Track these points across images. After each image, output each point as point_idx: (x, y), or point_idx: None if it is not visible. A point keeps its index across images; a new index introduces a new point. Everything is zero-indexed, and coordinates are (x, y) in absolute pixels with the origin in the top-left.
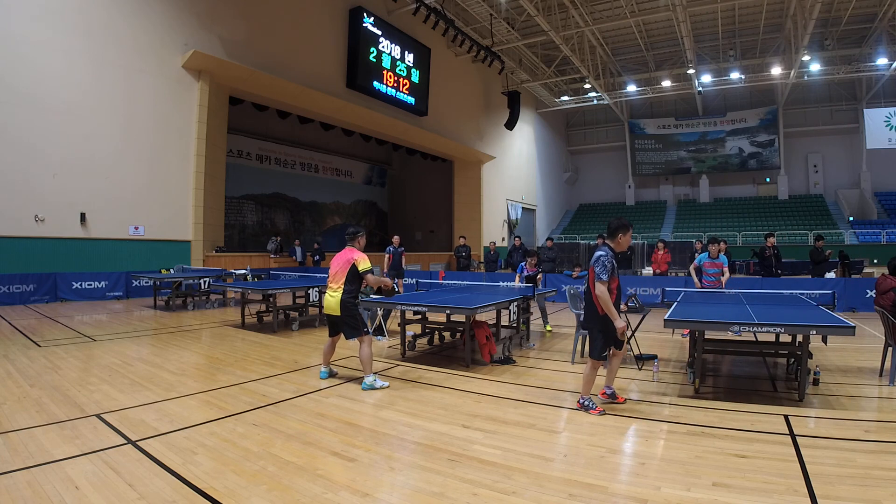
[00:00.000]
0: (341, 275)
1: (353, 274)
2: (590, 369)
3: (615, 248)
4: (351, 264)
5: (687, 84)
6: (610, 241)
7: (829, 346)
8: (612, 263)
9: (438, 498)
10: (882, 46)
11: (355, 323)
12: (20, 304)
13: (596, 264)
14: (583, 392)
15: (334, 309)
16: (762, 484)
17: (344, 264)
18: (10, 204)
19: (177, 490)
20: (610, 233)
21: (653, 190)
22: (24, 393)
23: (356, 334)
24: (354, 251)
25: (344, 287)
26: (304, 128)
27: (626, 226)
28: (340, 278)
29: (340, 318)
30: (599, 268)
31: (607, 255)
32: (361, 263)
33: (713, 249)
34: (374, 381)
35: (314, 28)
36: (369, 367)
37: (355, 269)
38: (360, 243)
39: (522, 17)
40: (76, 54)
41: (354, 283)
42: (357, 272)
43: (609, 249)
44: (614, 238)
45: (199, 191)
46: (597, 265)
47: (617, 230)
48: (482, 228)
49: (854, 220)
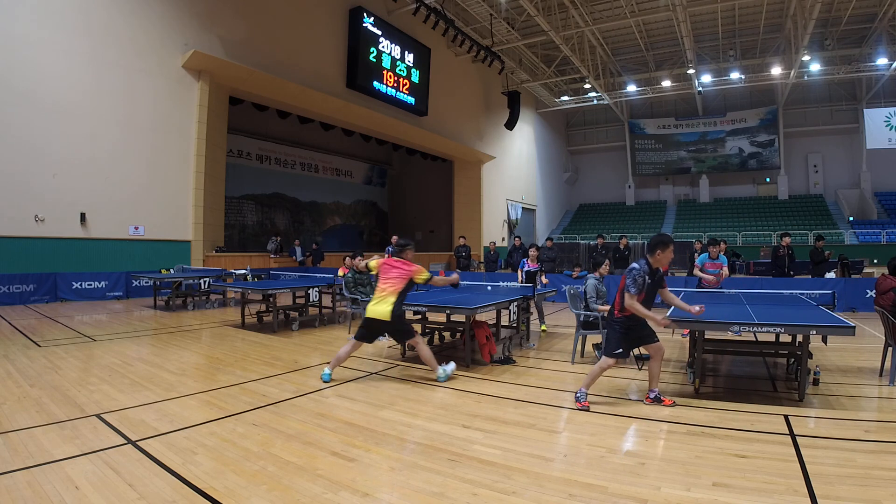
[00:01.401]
0: (397, 284)
1: (408, 286)
2: (598, 366)
3: (653, 264)
4: (409, 278)
5: (687, 84)
6: (649, 256)
7: (829, 346)
8: (643, 279)
9: (438, 498)
10: (882, 46)
11: (408, 327)
12: (20, 304)
13: (628, 276)
14: (584, 385)
15: (384, 315)
16: (762, 484)
17: (401, 276)
18: (10, 204)
19: (177, 490)
20: (650, 248)
21: (653, 190)
22: (24, 393)
23: (410, 335)
24: (410, 264)
25: (398, 297)
26: (304, 128)
27: (667, 243)
28: (395, 288)
29: (391, 325)
30: (630, 280)
31: (641, 270)
32: (421, 275)
33: (713, 251)
34: (444, 371)
35: (314, 28)
36: (434, 362)
37: (412, 281)
38: (409, 255)
39: (522, 17)
40: (76, 54)
41: (406, 293)
42: (413, 283)
43: (646, 264)
44: (653, 254)
45: (199, 191)
46: (628, 277)
47: (656, 246)
48: (482, 228)
49: (854, 220)
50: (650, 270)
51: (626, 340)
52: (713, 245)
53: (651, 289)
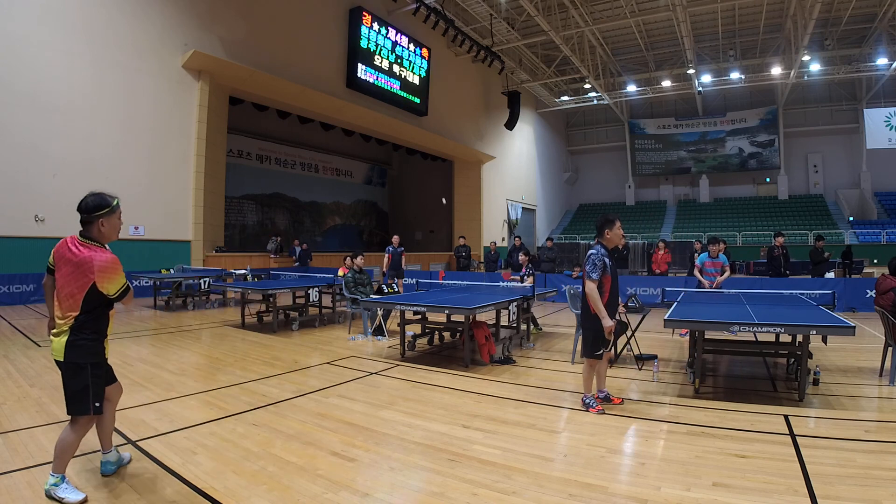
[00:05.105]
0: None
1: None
2: (586, 368)
3: (607, 245)
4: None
5: (687, 84)
6: (600, 239)
7: (829, 346)
8: (602, 261)
9: (438, 498)
10: (882, 46)
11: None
12: (20, 304)
13: (587, 263)
14: (584, 390)
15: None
16: (762, 484)
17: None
18: (11, 204)
19: (177, 490)
20: (598, 230)
21: (653, 190)
22: (24, 393)
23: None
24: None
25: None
26: (304, 128)
27: (611, 220)
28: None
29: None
30: (589, 266)
31: (598, 253)
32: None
33: (713, 249)
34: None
35: (314, 28)
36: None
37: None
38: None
39: (522, 17)
40: (76, 55)
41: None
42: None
43: (601, 247)
44: (602, 235)
45: (199, 191)
46: (587, 263)
47: (603, 227)
48: (482, 228)
49: (854, 220)
50: (607, 252)
51: (602, 338)
52: (713, 244)
53: (613, 270)
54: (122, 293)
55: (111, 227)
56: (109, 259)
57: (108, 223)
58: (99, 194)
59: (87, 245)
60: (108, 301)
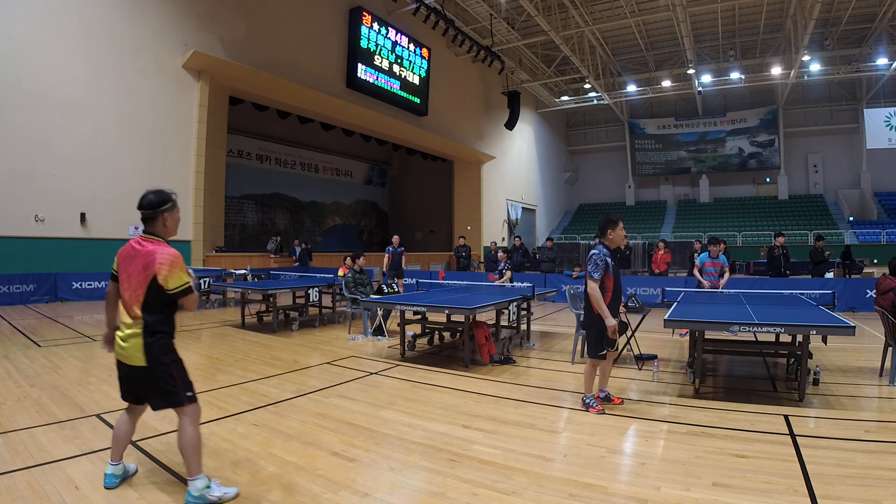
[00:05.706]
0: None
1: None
2: (588, 368)
3: (609, 246)
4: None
5: (687, 84)
6: (603, 239)
7: (829, 346)
8: (605, 261)
9: (438, 498)
10: (882, 46)
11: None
12: (20, 304)
13: (589, 262)
14: (585, 390)
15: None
16: (762, 484)
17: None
18: (11, 204)
19: (177, 490)
20: (600, 231)
21: (653, 190)
22: (24, 393)
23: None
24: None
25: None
26: (304, 128)
27: (614, 221)
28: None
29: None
30: (591, 266)
31: (600, 253)
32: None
33: (713, 249)
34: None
35: (314, 28)
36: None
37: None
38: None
39: (522, 17)
40: (76, 55)
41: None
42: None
43: (603, 247)
44: (605, 235)
45: (199, 191)
46: (589, 263)
47: (605, 227)
48: (482, 228)
49: (854, 220)
50: (610, 252)
51: (606, 338)
52: (713, 244)
53: (616, 270)
54: (181, 291)
55: (174, 222)
56: (172, 253)
57: (172, 217)
58: (159, 191)
59: (151, 240)
60: (171, 300)
